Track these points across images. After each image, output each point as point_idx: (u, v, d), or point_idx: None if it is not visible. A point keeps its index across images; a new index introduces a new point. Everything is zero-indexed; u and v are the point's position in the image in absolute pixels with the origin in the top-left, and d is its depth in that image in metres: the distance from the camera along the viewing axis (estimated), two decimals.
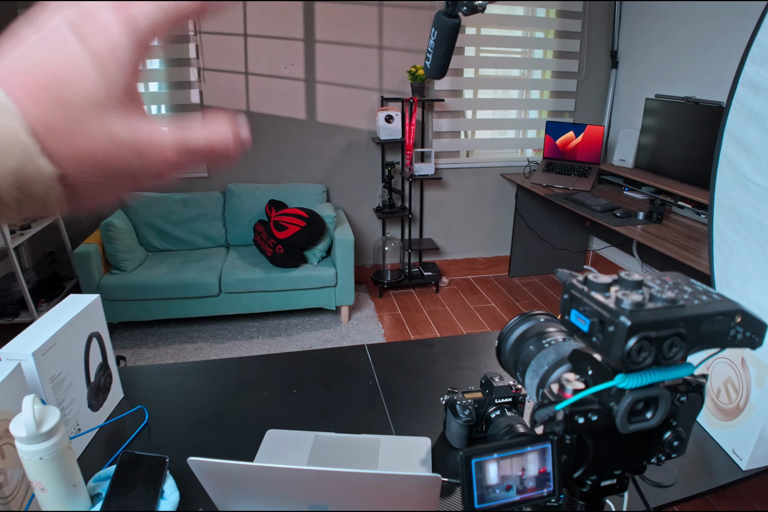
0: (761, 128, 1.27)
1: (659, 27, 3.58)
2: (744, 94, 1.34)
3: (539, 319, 0.66)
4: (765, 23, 1.27)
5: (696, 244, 2.66)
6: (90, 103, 0.26)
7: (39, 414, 0.72)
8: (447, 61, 1.01)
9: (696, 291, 0.49)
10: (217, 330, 3.33)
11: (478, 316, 3.61)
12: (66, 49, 0.25)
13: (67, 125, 0.25)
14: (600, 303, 0.43)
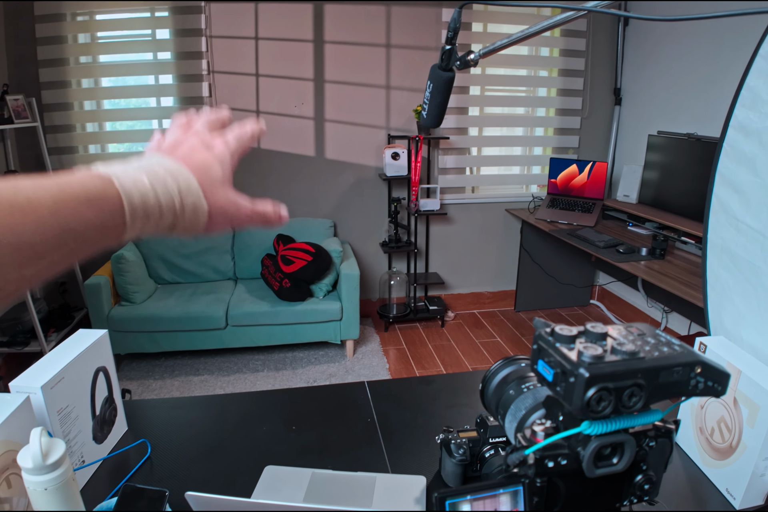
0: (751, 171, 1.31)
1: (661, 65, 3.67)
2: (734, 137, 1.38)
3: (521, 364, 0.69)
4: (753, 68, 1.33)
5: (699, 280, 2.66)
6: (216, 179, 0.49)
7: (45, 446, 0.74)
8: (442, 111, 1.08)
9: (659, 342, 0.52)
10: (223, 363, 3.35)
11: (483, 351, 3.61)
12: (204, 154, 0.50)
13: (209, 187, 0.48)
14: (563, 355, 0.46)
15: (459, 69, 0.98)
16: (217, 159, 0.50)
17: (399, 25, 3.62)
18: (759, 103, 1.25)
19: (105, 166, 0.43)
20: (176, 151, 0.49)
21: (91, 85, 3.54)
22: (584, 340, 0.50)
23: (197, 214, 0.47)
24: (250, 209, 0.52)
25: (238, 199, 0.51)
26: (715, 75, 3.20)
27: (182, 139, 0.51)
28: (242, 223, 0.52)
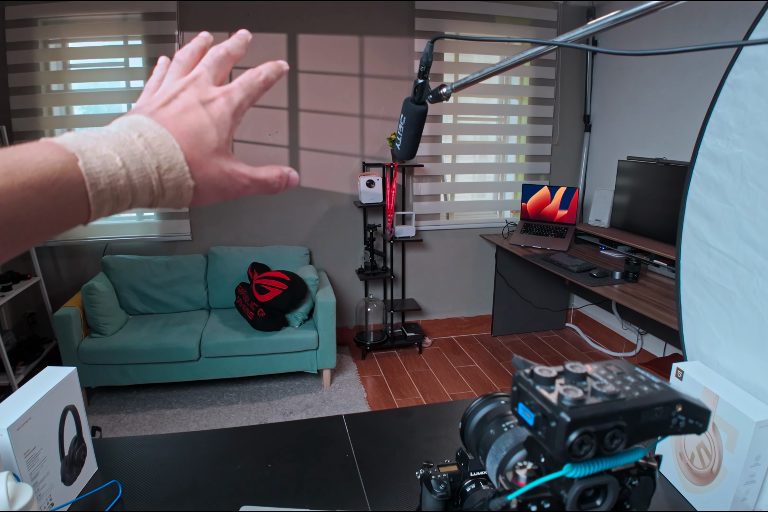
0: (721, 197, 1.34)
1: (629, 92, 3.77)
2: (703, 164, 1.41)
3: (500, 401, 0.68)
4: (721, 96, 1.36)
5: (672, 302, 2.70)
6: (210, 147, 0.42)
7: (12, 491, 0.71)
8: (416, 144, 1.08)
9: (639, 381, 0.51)
10: (196, 396, 3.27)
11: (461, 378, 3.59)
12: (198, 114, 0.42)
13: (200, 159, 0.42)
14: (543, 398, 0.45)
15: (432, 102, 0.98)
16: (215, 119, 0.43)
17: (372, 56, 3.68)
18: (726, 130, 1.29)
19: (73, 137, 0.37)
20: (167, 108, 0.42)
21: (62, 113, 3.50)
22: (564, 381, 0.49)
23: (180, 191, 0.41)
24: (249, 178, 0.45)
25: (234, 169, 0.44)
26: (681, 102, 3.30)
27: (178, 88, 0.44)
28: (238, 195, 0.46)
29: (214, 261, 3.57)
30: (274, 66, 0.49)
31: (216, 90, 0.45)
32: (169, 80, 0.46)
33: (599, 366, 0.55)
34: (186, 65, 0.47)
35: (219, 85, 0.47)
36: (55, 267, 3.62)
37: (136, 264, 3.44)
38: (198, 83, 0.44)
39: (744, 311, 1.30)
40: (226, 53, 0.48)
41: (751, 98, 1.23)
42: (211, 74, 0.46)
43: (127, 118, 0.41)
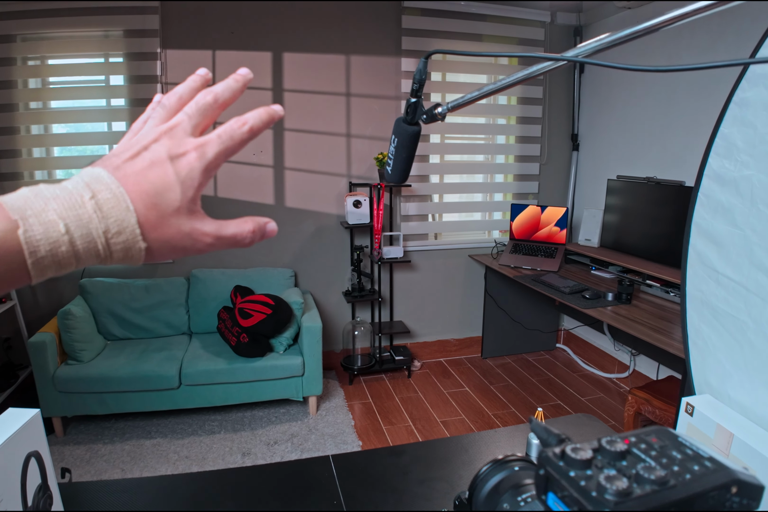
0: (729, 221, 1.27)
1: (617, 110, 3.75)
2: (709, 187, 1.35)
3: (514, 468, 0.58)
4: (727, 115, 1.30)
5: (667, 324, 2.65)
6: (171, 207, 0.39)
7: None
8: (408, 166, 1.00)
9: (686, 457, 0.43)
10: (177, 425, 3.13)
11: (452, 402, 3.49)
12: (165, 170, 0.39)
13: (156, 219, 0.39)
14: (581, 489, 0.37)
15: (425, 122, 0.91)
16: (181, 176, 0.40)
17: (358, 74, 3.63)
18: (734, 151, 1.22)
19: (24, 197, 0.36)
20: (133, 162, 0.39)
21: (41, 131, 3.40)
22: (602, 463, 0.40)
23: (131, 253, 0.39)
24: (213, 236, 0.42)
25: (195, 228, 0.41)
26: (670, 120, 3.28)
27: (151, 139, 0.41)
28: (201, 252, 0.43)
29: (195, 284, 3.46)
30: (264, 114, 0.46)
31: (190, 142, 0.41)
32: (148, 126, 0.43)
33: (638, 439, 0.46)
34: (170, 110, 0.44)
35: (200, 134, 0.44)
36: (32, 291, 3.49)
37: (115, 288, 3.32)
38: (173, 134, 0.42)
39: (757, 342, 1.23)
40: (213, 100, 0.45)
41: (761, 117, 1.17)
42: (191, 124, 0.43)
43: (90, 171, 0.39)
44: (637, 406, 2.78)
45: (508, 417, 3.30)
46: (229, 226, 0.43)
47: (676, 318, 2.73)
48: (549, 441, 0.49)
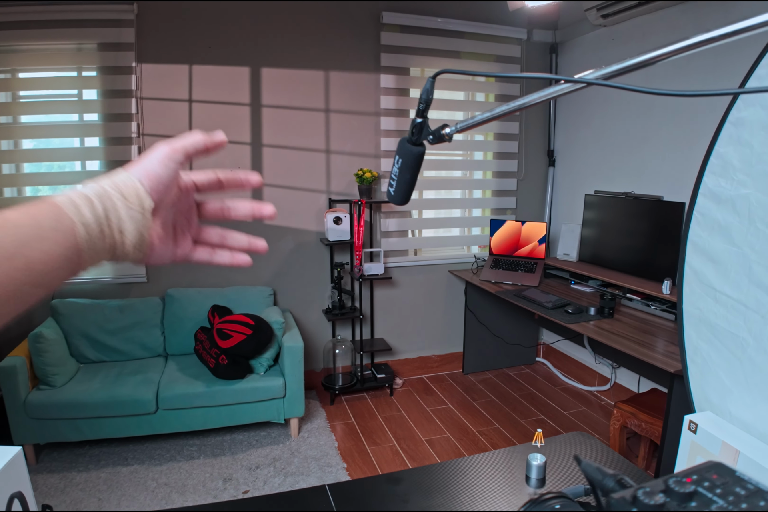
0: (726, 239, 1.27)
1: (593, 126, 3.80)
2: (705, 205, 1.35)
3: (554, 506, 0.55)
4: (723, 134, 1.30)
5: (650, 337, 2.66)
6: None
7: None
8: (411, 188, 0.97)
9: (749, 493, 0.41)
10: (154, 450, 3.02)
11: (435, 420, 3.44)
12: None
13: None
14: None
15: (432, 143, 0.88)
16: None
17: (338, 91, 3.62)
18: (730, 170, 1.23)
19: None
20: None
21: (10, 146, 3.28)
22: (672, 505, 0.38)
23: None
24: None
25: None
26: (647, 136, 3.33)
27: None
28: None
29: (171, 304, 3.36)
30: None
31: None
32: None
33: (699, 477, 0.43)
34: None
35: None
36: None
37: (88, 309, 3.20)
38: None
39: (758, 358, 1.22)
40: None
41: (758, 137, 1.18)
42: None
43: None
44: (623, 420, 2.78)
45: (493, 434, 3.27)
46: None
47: (659, 331, 2.75)
48: (605, 483, 0.46)
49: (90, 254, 0.44)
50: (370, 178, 3.52)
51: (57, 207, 0.42)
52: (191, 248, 0.58)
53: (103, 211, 0.44)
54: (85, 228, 0.43)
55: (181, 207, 0.56)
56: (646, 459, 2.87)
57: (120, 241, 0.46)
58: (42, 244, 0.40)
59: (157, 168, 0.49)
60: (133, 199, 0.46)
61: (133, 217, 0.46)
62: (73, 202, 0.43)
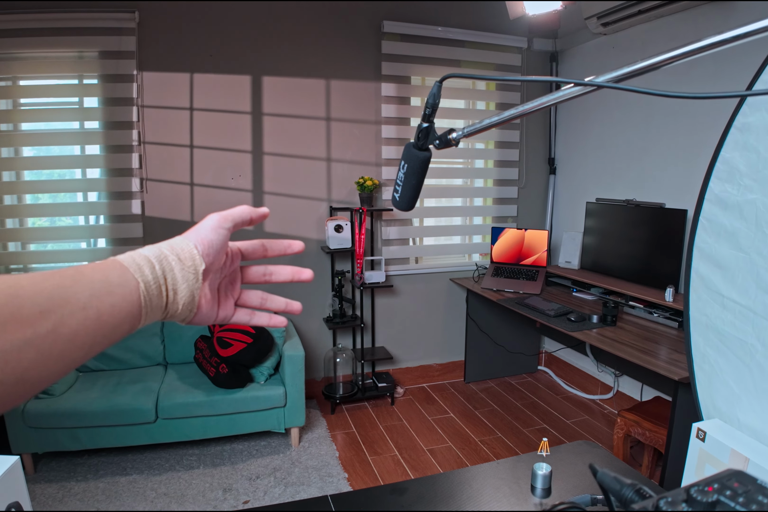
0: (733, 245, 1.26)
1: (594, 134, 3.81)
2: (711, 211, 1.34)
3: None
4: (728, 140, 1.29)
5: (653, 345, 2.64)
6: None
7: None
8: (417, 193, 0.96)
9: None
10: (153, 460, 2.99)
11: (437, 429, 3.41)
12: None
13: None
14: None
15: (438, 148, 0.87)
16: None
17: (338, 99, 3.62)
18: (737, 175, 1.22)
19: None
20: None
21: (11, 154, 3.28)
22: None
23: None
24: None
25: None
26: (648, 143, 3.33)
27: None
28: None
29: None
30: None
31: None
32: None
33: (721, 485, 0.42)
34: None
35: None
36: None
37: None
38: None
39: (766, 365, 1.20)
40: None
41: (764, 142, 1.17)
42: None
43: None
44: (627, 428, 2.76)
45: (495, 443, 3.24)
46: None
47: (662, 339, 2.73)
48: (623, 493, 0.45)
49: (147, 311, 0.47)
50: (371, 186, 3.52)
51: (121, 265, 0.46)
52: (233, 310, 0.61)
53: (161, 271, 0.48)
54: (146, 286, 0.46)
55: (226, 272, 0.60)
56: (650, 467, 2.84)
57: (173, 300, 0.49)
58: (111, 298, 0.43)
59: (210, 234, 0.54)
60: (189, 261, 0.51)
61: (186, 278, 0.50)
62: (136, 261, 0.47)
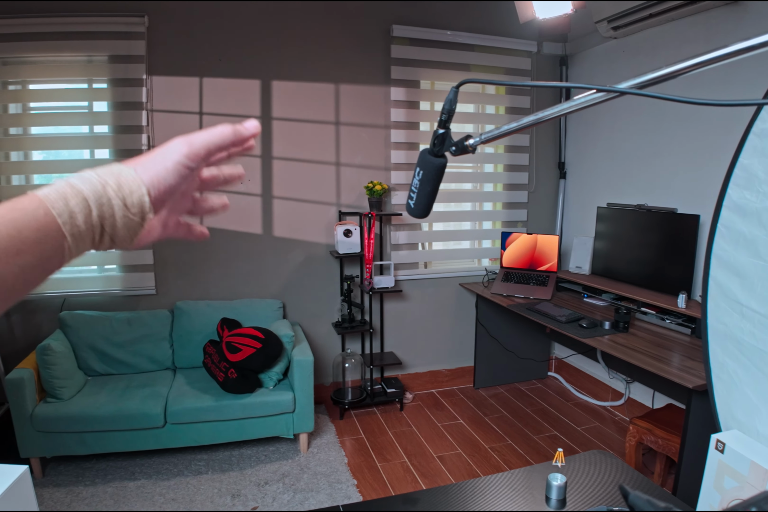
0: (752, 253, 1.23)
1: (604, 138, 3.78)
2: (729, 218, 1.31)
3: None
4: (747, 146, 1.27)
5: (666, 352, 2.61)
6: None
7: None
8: (432, 201, 0.95)
9: None
10: (162, 465, 2.98)
11: (447, 436, 3.38)
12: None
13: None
14: None
15: (455, 155, 0.85)
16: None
17: (348, 103, 3.62)
18: (755, 182, 1.19)
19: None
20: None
21: (20, 158, 3.29)
22: None
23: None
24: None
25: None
26: (659, 148, 3.30)
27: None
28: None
29: (180, 316, 3.34)
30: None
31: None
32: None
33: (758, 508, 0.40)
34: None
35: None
36: (8, 324, 3.33)
37: (96, 321, 3.18)
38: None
39: None
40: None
41: None
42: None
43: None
44: (639, 436, 2.73)
45: (506, 450, 3.21)
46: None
47: (675, 346, 2.70)
48: None
49: (71, 257, 0.41)
50: (381, 190, 3.50)
51: (47, 214, 0.38)
52: (175, 228, 0.56)
53: (98, 219, 0.41)
54: (74, 239, 0.39)
55: (181, 202, 0.54)
56: (662, 475, 2.81)
57: (108, 245, 0.44)
58: (19, 259, 0.36)
59: (170, 177, 0.46)
60: (136, 209, 0.44)
61: (128, 225, 0.44)
62: (68, 207, 0.39)
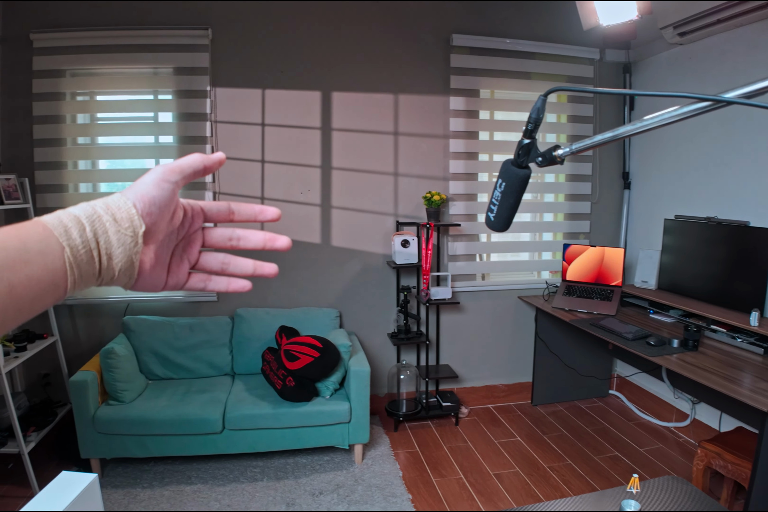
0: None
1: (670, 148, 3.64)
2: None
3: None
4: None
5: (738, 373, 2.47)
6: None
7: None
8: (513, 213, 0.91)
9: None
10: (218, 471, 3.01)
11: (504, 453, 3.29)
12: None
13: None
14: None
15: (541, 165, 0.81)
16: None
17: (407, 113, 3.61)
18: None
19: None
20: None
21: (88, 167, 3.42)
22: None
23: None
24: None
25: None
26: (728, 157, 3.17)
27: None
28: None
29: (239, 323, 3.38)
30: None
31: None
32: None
33: None
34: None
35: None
36: (73, 327, 3.46)
37: (158, 326, 3.26)
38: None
39: None
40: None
41: None
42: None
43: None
44: (707, 460, 2.58)
45: (565, 470, 3.10)
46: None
47: (747, 366, 2.55)
48: None
49: (75, 279, 0.42)
50: (439, 200, 3.47)
51: (45, 229, 0.40)
52: (186, 276, 0.54)
53: (92, 234, 0.42)
54: (72, 252, 0.41)
55: (183, 234, 0.53)
56: (728, 501, 2.65)
57: (107, 266, 0.44)
58: (28, 268, 0.38)
59: (152, 190, 0.47)
60: (125, 222, 0.44)
61: (123, 242, 0.44)
62: (63, 223, 0.41)
